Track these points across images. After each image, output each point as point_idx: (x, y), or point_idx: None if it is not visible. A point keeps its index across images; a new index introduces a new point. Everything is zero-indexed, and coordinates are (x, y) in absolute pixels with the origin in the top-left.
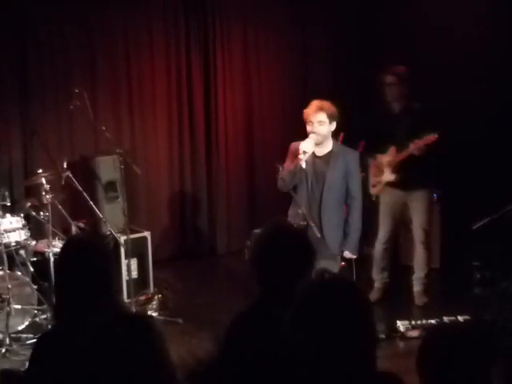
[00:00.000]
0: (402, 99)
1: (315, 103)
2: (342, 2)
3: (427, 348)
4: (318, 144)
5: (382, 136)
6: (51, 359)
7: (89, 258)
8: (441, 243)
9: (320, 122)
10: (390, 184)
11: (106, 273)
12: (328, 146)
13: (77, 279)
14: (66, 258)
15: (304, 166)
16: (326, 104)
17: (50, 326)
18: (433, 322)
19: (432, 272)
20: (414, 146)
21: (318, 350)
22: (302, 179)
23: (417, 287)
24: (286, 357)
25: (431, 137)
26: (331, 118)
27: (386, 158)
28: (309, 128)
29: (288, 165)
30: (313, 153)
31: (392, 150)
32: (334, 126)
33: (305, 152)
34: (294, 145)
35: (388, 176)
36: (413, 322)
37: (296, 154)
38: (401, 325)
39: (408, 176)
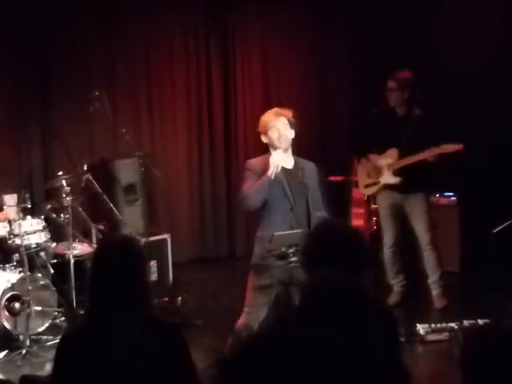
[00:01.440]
0: (404, 105)
1: (274, 110)
2: (360, 6)
3: (471, 348)
4: (285, 151)
5: (384, 139)
6: (79, 359)
7: (126, 261)
8: (460, 247)
9: (285, 124)
10: (388, 186)
11: (142, 276)
12: (291, 157)
13: (113, 281)
14: (104, 259)
15: (273, 177)
16: (285, 110)
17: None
18: (453, 325)
19: (451, 276)
20: (430, 154)
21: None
22: (277, 195)
23: (434, 291)
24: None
25: (455, 146)
26: (291, 124)
27: (386, 159)
28: (274, 134)
29: (252, 184)
30: (282, 166)
31: (392, 152)
32: (293, 134)
33: (278, 165)
34: (253, 162)
35: (388, 178)
36: (433, 326)
37: (260, 170)
38: (421, 328)
39: (410, 179)
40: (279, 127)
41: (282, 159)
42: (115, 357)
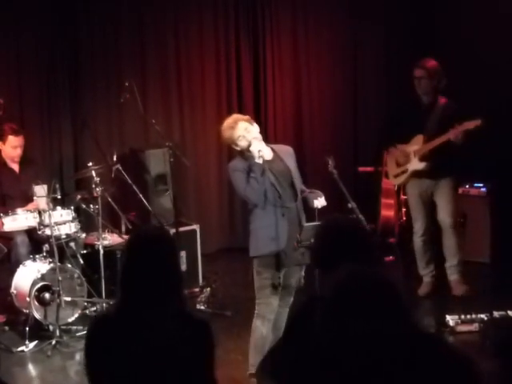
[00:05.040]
0: (432, 93)
1: (228, 124)
2: None
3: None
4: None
5: (410, 127)
6: (109, 349)
7: (160, 251)
8: (491, 238)
9: (245, 128)
10: (416, 173)
11: (175, 266)
12: (267, 147)
13: (147, 272)
14: (137, 250)
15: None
16: (236, 116)
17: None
18: (483, 316)
19: (482, 266)
20: (455, 131)
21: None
22: (266, 186)
23: (452, 276)
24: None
25: (474, 122)
26: (251, 123)
27: (412, 146)
28: (243, 143)
29: (246, 181)
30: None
31: (419, 138)
32: (257, 127)
33: (261, 150)
34: (236, 164)
35: (416, 165)
36: (462, 317)
37: (246, 168)
38: (450, 319)
39: (437, 164)
40: (243, 134)
41: (260, 146)
42: (149, 346)
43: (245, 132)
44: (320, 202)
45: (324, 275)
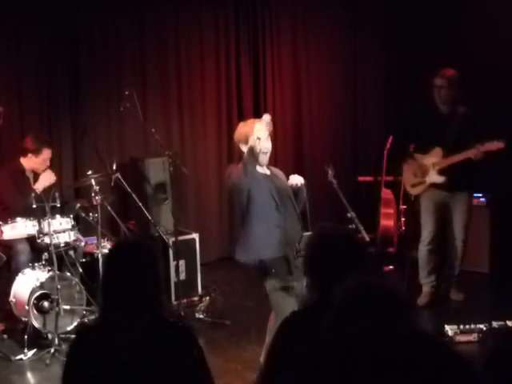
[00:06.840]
0: (452, 102)
1: (253, 121)
2: (394, 2)
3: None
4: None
5: (428, 137)
6: (87, 357)
7: (137, 261)
8: (490, 248)
9: (267, 138)
10: (434, 185)
11: (154, 276)
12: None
13: (124, 282)
14: (115, 260)
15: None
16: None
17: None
18: (482, 326)
19: (481, 277)
20: (476, 151)
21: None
22: (264, 197)
23: (454, 284)
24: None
25: (497, 144)
26: (269, 134)
27: (431, 158)
28: (256, 145)
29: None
30: (263, 172)
31: (437, 151)
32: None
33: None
34: (242, 183)
35: (434, 177)
36: (461, 327)
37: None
38: (449, 329)
39: (455, 178)
40: (263, 139)
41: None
42: (120, 357)
43: (265, 139)
44: (294, 179)
45: (316, 285)
